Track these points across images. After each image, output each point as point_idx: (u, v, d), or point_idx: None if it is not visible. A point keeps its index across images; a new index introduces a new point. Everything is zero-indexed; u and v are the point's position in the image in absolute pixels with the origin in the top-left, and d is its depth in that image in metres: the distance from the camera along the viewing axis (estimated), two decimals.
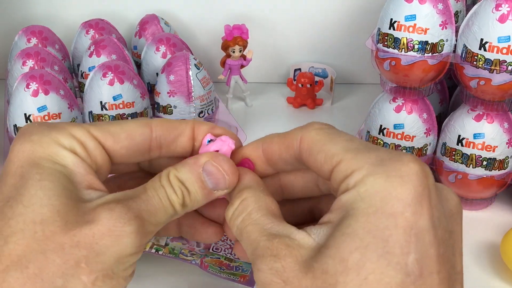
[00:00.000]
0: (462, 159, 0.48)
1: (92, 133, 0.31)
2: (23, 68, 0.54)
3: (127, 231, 0.27)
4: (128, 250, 0.27)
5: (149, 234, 0.29)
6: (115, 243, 0.27)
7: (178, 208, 0.30)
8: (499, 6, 0.42)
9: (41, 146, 0.29)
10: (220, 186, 0.31)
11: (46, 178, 0.28)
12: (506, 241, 0.42)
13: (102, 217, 0.27)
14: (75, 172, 0.29)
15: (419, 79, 0.48)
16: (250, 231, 0.28)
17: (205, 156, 0.31)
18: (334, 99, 0.70)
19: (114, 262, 0.27)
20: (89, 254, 0.26)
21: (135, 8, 0.69)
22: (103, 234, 0.26)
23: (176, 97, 0.53)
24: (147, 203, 0.29)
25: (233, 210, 0.30)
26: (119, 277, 0.27)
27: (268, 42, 0.72)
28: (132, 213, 0.28)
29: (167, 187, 0.30)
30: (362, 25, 0.69)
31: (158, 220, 0.29)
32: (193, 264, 0.41)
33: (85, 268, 0.26)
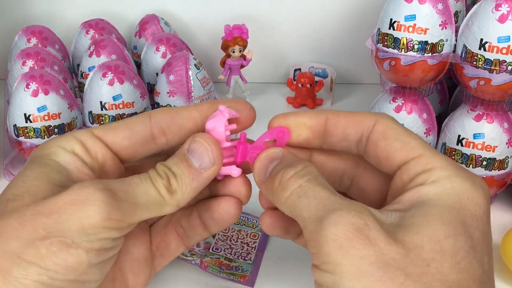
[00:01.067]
0: (462, 159, 0.48)
1: (93, 132, 0.32)
2: (23, 68, 0.54)
3: (92, 199, 0.27)
4: (93, 220, 0.27)
5: (125, 212, 0.28)
6: (78, 211, 0.27)
7: (163, 192, 0.30)
8: (499, 6, 0.42)
9: (42, 149, 0.31)
10: (205, 162, 0.31)
11: (30, 168, 0.29)
12: (506, 241, 0.42)
13: (70, 189, 0.27)
14: (65, 167, 0.30)
15: (419, 79, 0.48)
16: (318, 190, 0.28)
17: (189, 138, 0.32)
18: (334, 99, 0.70)
19: (75, 230, 0.26)
20: (49, 220, 0.26)
21: (135, 8, 0.69)
22: (66, 203, 0.27)
23: (176, 97, 0.53)
24: (124, 181, 0.29)
25: (296, 171, 0.29)
26: (79, 248, 0.27)
27: (268, 42, 0.72)
28: (102, 184, 0.28)
29: (151, 172, 0.30)
30: (362, 25, 0.69)
31: (137, 200, 0.29)
32: (193, 264, 0.41)
33: (41, 233, 0.26)
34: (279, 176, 0.29)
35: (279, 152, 0.31)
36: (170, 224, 0.36)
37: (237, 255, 0.43)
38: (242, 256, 0.43)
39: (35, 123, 0.49)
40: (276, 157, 0.31)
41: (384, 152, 0.30)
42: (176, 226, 0.36)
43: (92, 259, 0.27)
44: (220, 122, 0.32)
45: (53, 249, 0.26)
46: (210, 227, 0.35)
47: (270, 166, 0.31)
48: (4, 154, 0.53)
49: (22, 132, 0.49)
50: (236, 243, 0.44)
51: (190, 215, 0.36)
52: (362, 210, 0.26)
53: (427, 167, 0.28)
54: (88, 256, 0.27)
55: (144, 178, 0.30)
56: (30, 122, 0.49)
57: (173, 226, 0.36)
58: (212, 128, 0.32)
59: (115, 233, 0.28)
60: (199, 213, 0.35)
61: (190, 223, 0.36)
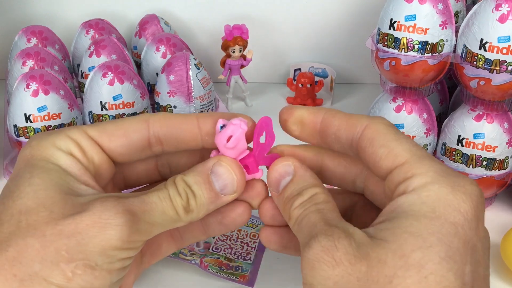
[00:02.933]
0: (462, 159, 0.48)
1: (88, 133, 0.31)
2: (23, 68, 0.54)
3: (113, 223, 0.27)
4: (113, 243, 0.27)
5: (142, 233, 0.28)
6: (99, 234, 0.26)
7: (181, 212, 0.30)
8: (499, 6, 0.42)
9: (38, 150, 0.30)
10: (228, 189, 0.31)
11: (36, 176, 0.28)
12: (506, 241, 0.42)
13: (90, 209, 0.27)
14: (68, 171, 0.30)
15: (419, 79, 0.48)
16: (311, 217, 0.28)
17: (214, 158, 0.31)
18: (334, 99, 0.70)
19: (97, 253, 0.26)
20: (71, 242, 0.26)
21: (135, 8, 0.69)
22: (87, 225, 0.26)
23: (176, 97, 0.53)
24: (143, 201, 0.29)
25: (302, 201, 0.29)
26: (102, 270, 0.27)
27: (268, 42, 0.72)
28: (122, 207, 0.27)
29: (171, 189, 0.30)
30: (362, 25, 0.69)
31: (154, 220, 0.29)
32: (193, 263, 0.41)
33: (65, 256, 0.26)
34: (289, 204, 0.30)
35: (291, 166, 0.31)
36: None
37: (237, 255, 0.43)
38: (242, 256, 0.43)
39: (35, 123, 0.49)
40: (288, 172, 0.31)
41: (371, 159, 0.29)
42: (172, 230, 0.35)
43: (114, 278, 0.28)
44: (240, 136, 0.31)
45: (78, 272, 0.26)
46: (212, 230, 0.35)
47: (282, 181, 0.31)
48: (4, 154, 0.53)
49: (22, 132, 0.49)
50: (236, 243, 0.44)
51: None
52: (334, 233, 0.26)
53: (407, 175, 0.27)
54: (110, 277, 0.27)
55: (163, 198, 0.29)
56: (30, 122, 0.49)
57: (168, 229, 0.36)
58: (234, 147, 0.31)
59: (133, 252, 0.28)
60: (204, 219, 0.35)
61: (189, 227, 0.35)
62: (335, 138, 0.31)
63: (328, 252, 0.26)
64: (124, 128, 0.32)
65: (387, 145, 0.29)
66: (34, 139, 0.31)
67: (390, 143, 0.29)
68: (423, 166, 0.27)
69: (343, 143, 0.31)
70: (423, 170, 0.27)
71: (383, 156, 0.28)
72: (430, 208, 0.26)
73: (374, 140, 0.29)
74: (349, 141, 0.30)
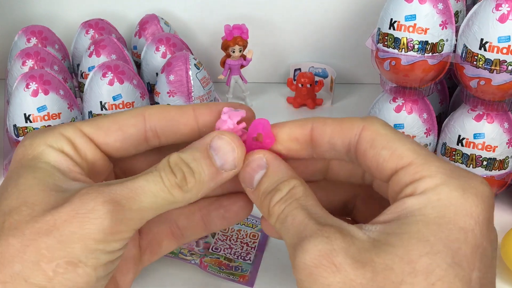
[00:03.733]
0: (462, 159, 0.48)
1: (82, 130, 0.30)
2: (22, 68, 0.54)
3: (92, 217, 0.25)
4: (96, 236, 0.25)
5: (129, 221, 0.27)
6: (80, 228, 0.25)
7: (175, 192, 0.28)
8: (499, 6, 0.42)
9: (30, 148, 0.29)
10: (229, 163, 0.29)
11: (23, 176, 0.28)
12: (506, 241, 0.42)
13: (70, 202, 0.26)
14: (57, 168, 0.29)
15: (419, 79, 0.48)
16: (296, 214, 0.27)
17: (213, 133, 0.29)
18: (334, 99, 0.70)
19: (80, 249, 0.25)
20: (50, 240, 0.25)
21: (135, 8, 0.69)
22: (65, 221, 0.25)
23: (176, 97, 0.53)
24: (127, 187, 0.27)
25: (281, 196, 0.28)
26: (87, 266, 0.26)
27: (268, 42, 0.72)
28: (103, 197, 0.26)
29: (162, 170, 0.28)
30: (362, 25, 0.69)
31: (143, 205, 0.27)
32: (193, 263, 0.41)
33: (45, 255, 0.25)
34: (267, 200, 0.28)
35: (263, 158, 0.30)
36: (165, 223, 0.35)
37: (237, 255, 0.43)
38: (241, 256, 0.43)
39: (35, 123, 0.49)
40: (260, 165, 0.30)
41: (373, 162, 0.28)
42: (172, 225, 0.35)
43: (100, 274, 0.26)
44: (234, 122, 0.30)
45: (60, 271, 0.25)
46: (215, 225, 0.34)
47: (256, 176, 0.29)
48: (4, 154, 0.53)
49: (22, 132, 0.49)
50: (235, 243, 0.44)
51: (191, 215, 0.34)
52: (330, 234, 0.25)
53: (415, 177, 0.26)
54: (96, 273, 0.26)
55: (152, 180, 0.28)
56: (30, 122, 0.49)
57: (168, 225, 0.35)
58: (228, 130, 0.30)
59: (120, 243, 0.27)
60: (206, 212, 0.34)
61: (190, 223, 0.34)
62: (330, 146, 0.30)
63: (327, 257, 0.24)
64: (120, 123, 0.31)
65: (389, 146, 0.27)
66: (27, 138, 0.30)
67: (392, 144, 0.28)
68: (431, 167, 0.26)
69: (339, 150, 0.29)
70: (432, 172, 0.26)
71: (386, 157, 0.27)
72: (440, 213, 0.25)
73: (374, 142, 0.28)
74: (346, 146, 0.29)
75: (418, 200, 0.26)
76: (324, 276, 0.24)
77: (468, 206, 0.25)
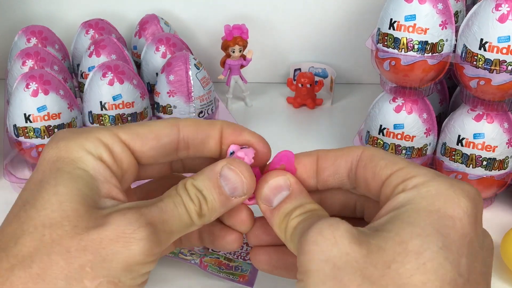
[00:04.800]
0: (462, 159, 0.48)
1: (120, 136, 0.31)
2: (22, 68, 0.54)
3: (137, 237, 0.26)
4: (137, 258, 0.26)
5: (162, 243, 0.28)
6: (123, 249, 0.26)
7: (194, 217, 0.30)
8: (499, 6, 0.42)
9: (66, 152, 0.29)
10: (238, 191, 0.31)
11: (61, 183, 0.28)
12: (506, 241, 0.42)
13: (112, 223, 0.26)
14: (95, 178, 0.29)
15: (419, 79, 0.48)
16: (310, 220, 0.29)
17: (222, 161, 0.31)
18: (334, 99, 0.70)
19: (121, 269, 0.26)
20: (95, 259, 0.26)
21: (135, 8, 0.69)
22: (111, 240, 0.26)
23: (176, 97, 0.53)
24: (161, 210, 0.28)
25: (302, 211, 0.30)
26: (126, 286, 0.26)
27: (268, 42, 0.72)
28: (144, 219, 0.27)
29: (183, 195, 0.29)
30: (362, 25, 0.69)
31: (172, 228, 0.29)
32: (193, 263, 0.41)
33: (89, 273, 0.25)
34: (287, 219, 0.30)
35: (287, 180, 0.31)
36: None
37: (237, 254, 0.43)
38: (241, 256, 0.43)
39: (35, 123, 0.49)
40: (284, 187, 0.31)
41: (371, 172, 0.30)
42: None
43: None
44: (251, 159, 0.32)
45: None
46: (206, 244, 0.36)
47: (278, 196, 0.31)
48: (4, 154, 0.53)
49: (22, 132, 0.49)
50: None
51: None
52: (334, 219, 0.27)
53: (406, 177, 0.28)
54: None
55: (178, 204, 0.29)
56: (30, 122, 0.49)
57: None
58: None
59: (153, 265, 0.28)
60: (200, 231, 0.35)
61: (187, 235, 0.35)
62: (334, 168, 0.32)
63: (328, 230, 0.26)
64: (156, 132, 0.32)
65: (386, 158, 0.30)
66: (61, 139, 0.30)
67: (388, 156, 0.30)
68: (421, 169, 0.29)
69: (342, 172, 0.32)
70: (422, 172, 0.28)
71: (382, 165, 0.30)
72: (429, 201, 0.27)
73: (373, 157, 0.30)
74: (349, 167, 0.31)
75: (409, 194, 0.27)
76: (322, 250, 0.26)
77: (456, 197, 0.27)
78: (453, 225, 0.26)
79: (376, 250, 0.25)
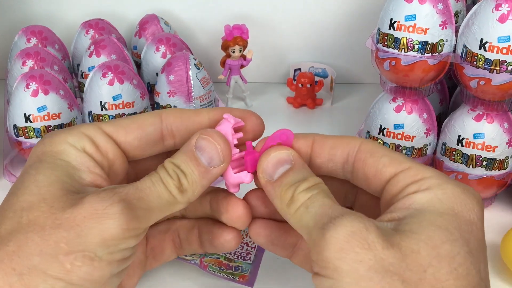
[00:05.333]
0: (462, 159, 0.48)
1: (103, 129, 0.32)
2: (23, 68, 0.54)
3: (110, 213, 0.27)
4: (112, 233, 0.27)
5: (140, 220, 0.28)
6: (97, 225, 0.26)
7: (175, 193, 0.30)
8: (499, 6, 0.42)
9: (50, 146, 0.30)
10: (215, 160, 0.31)
11: (41, 172, 0.29)
12: (506, 241, 0.42)
13: (86, 202, 0.27)
14: (78, 168, 0.30)
15: (419, 79, 0.48)
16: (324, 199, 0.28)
17: (196, 134, 0.31)
18: (334, 99, 0.70)
19: (96, 244, 0.26)
20: (69, 235, 0.26)
21: (135, 8, 0.69)
22: (85, 217, 0.27)
23: (176, 97, 0.53)
24: (137, 188, 0.29)
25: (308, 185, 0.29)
26: (102, 261, 0.27)
27: (268, 42, 0.72)
28: (118, 197, 0.27)
29: (162, 173, 0.30)
30: (362, 25, 0.69)
31: (151, 205, 0.29)
32: (193, 263, 0.41)
33: (64, 248, 0.26)
34: (292, 189, 0.29)
35: (290, 155, 0.31)
36: (168, 232, 0.37)
37: (237, 255, 0.43)
38: (241, 256, 0.43)
39: (35, 123, 0.49)
40: (287, 160, 0.31)
41: (372, 168, 0.30)
42: (174, 235, 0.37)
43: (114, 269, 0.28)
44: (226, 128, 0.32)
45: (77, 263, 0.26)
46: (206, 247, 0.36)
47: (280, 169, 0.31)
48: (4, 154, 0.53)
49: (22, 132, 0.49)
50: None
51: (190, 230, 0.37)
52: (362, 215, 0.27)
53: (416, 178, 0.28)
54: (110, 268, 0.27)
55: (155, 181, 0.29)
56: (30, 122, 0.49)
57: (171, 234, 0.37)
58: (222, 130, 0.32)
59: (134, 241, 0.28)
60: (200, 232, 0.36)
61: (188, 238, 0.36)
62: (329, 157, 0.32)
63: (360, 234, 0.25)
64: (139, 122, 0.33)
65: (388, 155, 0.30)
66: (47, 136, 0.31)
67: (390, 153, 0.30)
68: (429, 171, 0.29)
69: (337, 161, 0.32)
70: (431, 174, 0.29)
71: (386, 163, 0.30)
72: (448, 205, 0.27)
73: (374, 152, 0.30)
74: (345, 157, 0.31)
75: (425, 195, 0.28)
76: (356, 252, 0.25)
77: (470, 202, 0.27)
78: (471, 230, 0.27)
79: (409, 253, 0.25)
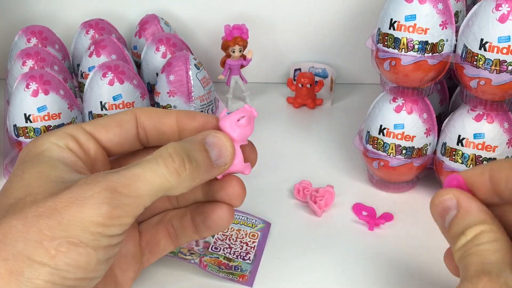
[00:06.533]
0: (462, 159, 0.48)
1: (84, 128, 0.33)
2: (23, 68, 0.54)
3: (91, 200, 0.27)
4: (94, 220, 0.27)
5: (127, 207, 0.28)
6: (78, 213, 0.27)
7: (172, 178, 0.29)
8: (499, 6, 0.42)
9: (34, 147, 0.31)
10: (222, 159, 0.31)
11: (27, 171, 0.30)
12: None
13: (68, 191, 0.28)
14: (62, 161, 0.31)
15: (419, 79, 0.48)
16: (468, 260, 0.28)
17: (206, 131, 0.32)
18: (334, 99, 0.70)
19: (80, 230, 0.27)
20: (52, 222, 0.27)
21: (135, 8, 0.69)
22: (66, 206, 0.27)
23: (176, 97, 0.53)
24: (123, 175, 0.28)
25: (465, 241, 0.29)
26: (87, 246, 0.27)
27: (268, 42, 0.72)
28: (101, 185, 0.28)
29: (160, 157, 0.29)
30: (362, 25, 0.69)
31: (139, 191, 0.28)
32: (192, 263, 0.41)
33: (48, 235, 0.26)
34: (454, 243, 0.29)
35: (453, 200, 0.30)
36: (161, 223, 0.37)
37: (236, 254, 0.43)
38: (241, 256, 0.43)
39: (35, 123, 0.49)
40: (451, 207, 0.30)
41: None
42: (167, 226, 0.37)
43: (101, 256, 0.28)
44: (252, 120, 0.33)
45: (62, 249, 0.26)
46: (201, 231, 0.36)
47: (447, 217, 0.30)
48: (4, 154, 0.53)
49: (22, 132, 0.49)
50: (235, 242, 0.44)
51: (182, 217, 0.37)
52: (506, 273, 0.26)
53: None
54: (97, 254, 0.27)
55: (148, 168, 0.29)
56: (30, 122, 0.49)
57: (164, 225, 0.37)
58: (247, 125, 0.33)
59: (119, 229, 0.28)
60: (192, 216, 0.36)
61: (182, 225, 0.36)
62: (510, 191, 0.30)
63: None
64: (117, 120, 0.34)
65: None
66: (32, 140, 0.32)
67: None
68: None
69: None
70: None
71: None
72: None
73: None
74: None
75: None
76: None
77: None
78: None
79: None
